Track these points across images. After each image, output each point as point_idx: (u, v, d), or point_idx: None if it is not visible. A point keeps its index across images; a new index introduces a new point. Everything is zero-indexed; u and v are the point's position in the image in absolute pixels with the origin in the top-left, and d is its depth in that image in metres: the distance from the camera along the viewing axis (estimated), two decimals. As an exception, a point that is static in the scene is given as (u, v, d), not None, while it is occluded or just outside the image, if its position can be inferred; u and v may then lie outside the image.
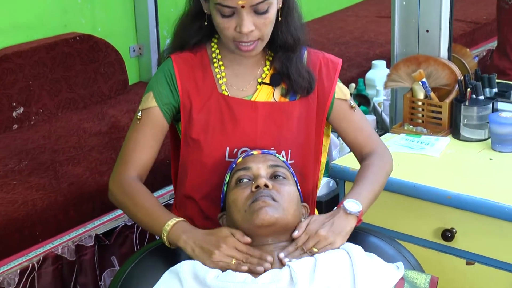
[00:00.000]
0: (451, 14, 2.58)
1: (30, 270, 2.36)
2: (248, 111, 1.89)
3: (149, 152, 1.90)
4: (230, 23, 1.77)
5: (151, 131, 1.89)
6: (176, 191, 2.01)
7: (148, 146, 1.89)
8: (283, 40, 1.87)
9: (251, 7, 1.74)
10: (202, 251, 1.70)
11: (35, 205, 2.49)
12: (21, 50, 3.18)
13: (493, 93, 2.55)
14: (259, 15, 1.76)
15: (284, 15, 1.85)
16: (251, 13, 1.75)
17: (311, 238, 1.71)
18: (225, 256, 1.67)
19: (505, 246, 2.10)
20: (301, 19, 1.91)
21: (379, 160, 1.96)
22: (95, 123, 3.17)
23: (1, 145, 2.96)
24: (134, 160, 1.89)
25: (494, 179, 2.23)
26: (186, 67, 1.90)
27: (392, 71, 2.62)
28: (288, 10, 1.86)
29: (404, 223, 2.27)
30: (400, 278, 1.70)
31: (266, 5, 1.75)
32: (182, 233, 1.74)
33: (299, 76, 1.88)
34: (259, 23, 1.77)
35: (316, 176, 2.01)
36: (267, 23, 1.78)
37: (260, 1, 1.73)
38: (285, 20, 1.86)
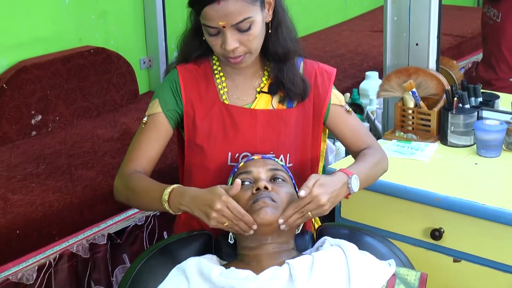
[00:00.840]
0: (439, 29, 2.58)
1: (47, 267, 2.36)
2: (248, 119, 1.89)
3: (151, 152, 1.90)
4: (217, 41, 1.78)
5: (155, 134, 1.90)
6: None
7: (151, 146, 1.90)
8: (274, 51, 1.87)
9: (233, 27, 1.75)
10: (201, 212, 1.67)
11: (51, 206, 2.49)
12: (39, 62, 3.19)
13: (478, 102, 2.56)
14: (242, 33, 1.76)
15: (274, 28, 1.86)
16: (234, 31, 1.76)
17: (312, 202, 1.68)
18: (220, 216, 1.64)
19: (490, 244, 2.10)
20: (292, 31, 1.90)
21: (376, 154, 1.95)
22: (107, 130, 3.17)
23: (21, 150, 2.96)
24: (136, 158, 1.90)
25: (479, 182, 2.23)
26: (190, 78, 1.90)
27: (384, 81, 2.62)
28: (278, 23, 1.86)
29: (395, 223, 2.26)
30: (392, 274, 1.70)
31: (247, 23, 1.75)
32: (180, 198, 1.71)
33: (292, 84, 1.88)
34: (243, 40, 1.77)
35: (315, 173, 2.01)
36: (251, 39, 1.78)
37: (239, 21, 1.74)
38: (275, 32, 1.86)
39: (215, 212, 1.64)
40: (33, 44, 3.30)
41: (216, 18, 1.74)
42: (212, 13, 1.74)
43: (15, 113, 3.07)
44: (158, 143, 1.90)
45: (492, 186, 2.21)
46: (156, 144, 1.90)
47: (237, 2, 1.72)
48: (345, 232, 1.88)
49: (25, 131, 3.12)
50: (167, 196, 1.73)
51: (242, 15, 1.74)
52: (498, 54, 3.07)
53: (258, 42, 1.81)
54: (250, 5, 1.75)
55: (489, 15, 3.13)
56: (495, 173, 2.29)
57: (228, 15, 1.73)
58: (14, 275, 2.29)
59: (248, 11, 1.75)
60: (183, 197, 1.71)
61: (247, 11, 1.75)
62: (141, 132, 1.92)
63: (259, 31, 1.79)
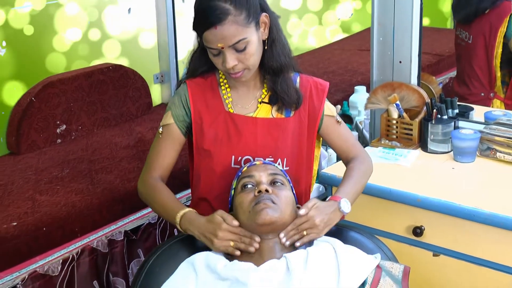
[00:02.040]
0: (419, 48, 2.59)
1: (70, 260, 2.36)
2: (250, 126, 1.90)
3: (168, 159, 1.94)
4: (219, 59, 1.80)
5: (170, 143, 1.93)
6: (192, 193, 2.02)
7: (167, 154, 1.93)
8: (269, 65, 1.88)
9: (230, 47, 1.76)
10: (206, 239, 1.73)
11: (74, 206, 2.49)
12: (64, 77, 3.19)
13: (455, 114, 2.56)
14: (239, 52, 1.78)
15: (269, 45, 1.86)
16: (232, 51, 1.77)
17: (308, 222, 1.73)
18: (223, 241, 1.70)
19: (465, 240, 2.10)
20: (285, 47, 1.91)
21: (362, 164, 1.98)
22: (124, 138, 3.17)
23: (47, 156, 2.97)
24: (156, 166, 1.93)
25: (456, 185, 2.23)
26: (198, 90, 1.92)
27: (371, 95, 2.62)
28: (272, 40, 1.87)
29: (381, 221, 2.26)
30: (378, 267, 1.69)
31: (243, 44, 1.77)
32: (188, 224, 1.78)
33: (286, 95, 1.89)
34: (241, 58, 1.79)
35: (309, 181, 2.01)
36: (247, 57, 1.79)
37: (235, 42, 1.76)
38: (270, 48, 1.87)
39: (218, 240, 1.70)
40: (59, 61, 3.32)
41: (215, 41, 1.76)
42: (211, 37, 1.75)
43: (42, 123, 3.08)
44: (173, 150, 1.94)
45: (468, 188, 2.21)
46: (171, 151, 1.94)
47: (231, 26, 1.74)
48: (335, 229, 1.88)
49: (51, 139, 3.12)
50: (179, 220, 1.80)
51: (237, 37, 1.76)
52: (470, 72, 3.07)
53: (255, 59, 1.82)
54: (244, 27, 1.76)
55: (461, 37, 3.13)
56: (470, 176, 2.29)
57: (225, 38, 1.75)
58: (41, 267, 2.29)
59: (243, 33, 1.76)
60: (191, 224, 1.78)
61: (242, 33, 1.76)
62: (157, 142, 1.95)
63: (254, 49, 1.80)
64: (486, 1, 2.94)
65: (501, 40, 2.93)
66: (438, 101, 2.58)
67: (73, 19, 3.36)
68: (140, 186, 1.93)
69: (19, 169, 2.82)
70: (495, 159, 2.37)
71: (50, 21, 3.27)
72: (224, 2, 1.74)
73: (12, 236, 2.30)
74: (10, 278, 2.23)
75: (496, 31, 2.92)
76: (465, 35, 3.08)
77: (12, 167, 2.85)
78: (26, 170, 2.81)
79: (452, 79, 3.57)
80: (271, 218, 1.69)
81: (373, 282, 1.65)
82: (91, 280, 2.43)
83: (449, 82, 3.71)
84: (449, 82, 3.68)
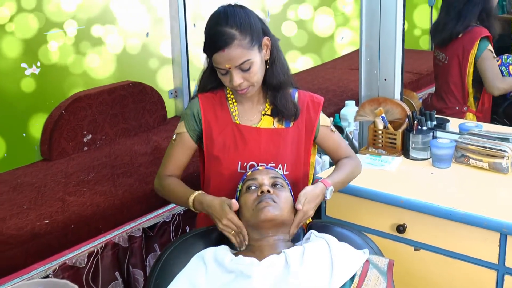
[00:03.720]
0: (402, 67, 2.59)
1: (95, 254, 2.36)
2: (254, 135, 1.90)
3: (179, 161, 1.97)
4: (226, 78, 1.81)
5: (181, 148, 1.95)
6: None
7: (179, 158, 1.96)
8: (270, 82, 1.89)
9: (236, 67, 1.78)
10: (215, 218, 1.76)
11: (99, 206, 2.49)
12: (90, 93, 3.20)
13: (433, 125, 2.55)
14: (244, 71, 1.79)
15: (270, 64, 1.87)
16: (238, 70, 1.78)
17: (304, 216, 1.76)
18: (226, 227, 1.73)
19: (443, 237, 2.09)
20: (284, 66, 1.92)
21: (353, 162, 2.01)
22: (142, 146, 3.17)
23: (75, 162, 2.97)
24: (169, 166, 1.97)
25: (434, 188, 2.22)
26: (208, 103, 1.92)
27: (360, 108, 2.61)
28: (273, 60, 1.88)
29: (368, 220, 2.25)
30: (366, 261, 1.69)
31: (247, 64, 1.78)
32: (200, 205, 1.82)
33: (284, 108, 1.90)
34: (246, 76, 1.80)
35: (305, 184, 2.00)
36: (252, 75, 1.80)
37: (241, 63, 1.77)
38: (271, 68, 1.88)
39: (223, 225, 1.73)
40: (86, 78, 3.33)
41: (223, 62, 1.76)
42: (219, 59, 1.76)
43: (71, 133, 3.08)
44: (184, 155, 1.96)
45: (445, 190, 2.20)
46: (182, 156, 1.96)
47: (237, 49, 1.75)
48: (329, 226, 1.88)
49: (79, 147, 3.12)
50: (191, 203, 1.83)
51: (243, 58, 1.76)
52: (446, 89, 3.07)
53: (258, 77, 1.83)
54: (248, 50, 1.76)
55: (439, 58, 3.13)
56: (447, 180, 2.28)
57: (231, 59, 1.75)
58: (70, 260, 2.29)
59: (247, 55, 1.76)
60: (202, 204, 1.81)
61: (246, 55, 1.76)
62: (171, 147, 1.97)
63: (258, 68, 1.81)
64: (459, 27, 2.94)
65: (472, 61, 2.93)
66: (419, 114, 2.58)
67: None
68: (156, 183, 1.98)
69: (51, 174, 2.82)
70: (468, 165, 2.36)
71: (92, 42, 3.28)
72: (231, 28, 1.75)
73: (44, 232, 2.30)
74: (43, 269, 2.23)
75: (468, 53, 2.92)
76: (442, 56, 3.08)
77: (45, 172, 2.85)
78: (57, 174, 2.81)
79: (430, 95, 3.57)
80: (272, 215, 1.69)
81: (361, 273, 1.65)
82: (113, 271, 2.43)
83: (428, 97, 3.71)
84: (428, 97, 3.67)
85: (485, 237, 1.99)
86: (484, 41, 2.89)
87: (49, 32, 3.14)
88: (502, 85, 2.93)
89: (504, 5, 3.37)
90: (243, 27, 1.76)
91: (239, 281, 1.59)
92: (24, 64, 3.09)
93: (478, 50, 2.90)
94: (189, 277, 1.67)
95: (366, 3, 2.55)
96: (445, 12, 3.02)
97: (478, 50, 2.90)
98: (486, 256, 2.01)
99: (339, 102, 3.68)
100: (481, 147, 2.33)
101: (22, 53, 3.04)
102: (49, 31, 3.13)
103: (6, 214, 2.39)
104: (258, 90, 1.90)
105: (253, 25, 1.79)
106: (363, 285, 1.62)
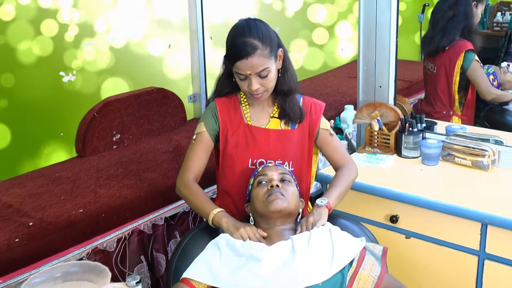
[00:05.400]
0: (395, 76, 2.58)
1: (123, 239, 2.37)
2: (263, 135, 1.90)
3: (200, 159, 1.93)
4: (245, 83, 1.81)
5: (202, 147, 1.92)
6: (217, 187, 2.02)
7: (200, 157, 1.92)
8: (281, 89, 1.89)
9: (256, 74, 1.78)
10: (234, 228, 1.73)
11: (126, 197, 2.50)
12: (119, 98, 3.21)
13: (423, 127, 2.55)
14: (262, 78, 1.79)
15: (282, 73, 1.88)
16: (257, 77, 1.78)
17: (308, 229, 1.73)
18: (244, 234, 1.71)
19: (431, 226, 2.09)
20: (293, 75, 1.92)
21: (348, 170, 1.97)
22: (165, 145, 3.18)
23: (105, 159, 2.98)
24: (191, 166, 1.92)
25: (424, 183, 2.22)
26: (224, 107, 1.92)
27: (358, 112, 2.61)
28: (285, 69, 1.88)
29: (365, 211, 2.25)
30: (363, 247, 1.69)
31: (266, 72, 1.78)
32: (223, 218, 1.77)
33: (292, 111, 1.90)
34: (263, 83, 1.80)
35: (309, 180, 2.01)
36: (268, 82, 1.80)
37: (261, 70, 1.77)
38: (283, 76, 1.88)
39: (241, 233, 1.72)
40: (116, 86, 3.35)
41: (245, 69, 1.76)
42: (242, 66, 1.76)
43: (102, 133, 3.09)
44: (204, 153, 1.93)
45: (433, 185, 2.19)
46: (202, 154, 1.93)
47: (259, 58, 1.75)
48: (330, 217, 1.88)
49: (109, 145, 3.14)
50: (211, 220, 1.80)
51: (263, 66, 1.76)
52: (435, 95, 3.06)
53: (273, 84, 1.83)
54: (268, 59, 1.77)
55: (428, 67, 3.12)
56: (435, 176, 2.28)
57: (253, 67, 1.75)
58: (101, 244, 2.31)
59: (266, 63, 1.77)
60: (221, 220, 1.78)
61: (266, 63, 1.76)
62: (192, 147, 1.94)
63: (273, 76, 1.81)
64: (445, 41, 2.94)
65: (458, 71, 2.92)
66: (410, 117, 2.57)
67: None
68: (179, 185, 1.92)
69: (84, 169, 2.84)
70: (454, 162, 2.36)
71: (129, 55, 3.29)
72: (254, 39, 1.75)
73: (79, 220, 2.32)
74: (78, 252, 2.25)
75: (454, 64, 2.92)
76: (431, 66, 3.07)
77: (79, 167, 2.87)
78: (89, 170, 2.82)
79: (420, 100, 3.56)
80: (280, 207, 1.70)
81: (359, 259, 1.65)
82: (139, 255, 2.44)
83: (418, 102, 3.70)
84: (418, 103, 3.66)
85: (468, 227, 1.99)
86: (470, 53, 2.88)
87: (84, 44, 3.16)
88: (494, 90, 2.93)
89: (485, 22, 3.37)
90: (264, 38, 1.77)
91: (250, 264, 1.60)
92: (62, 72, 3.12)
93: (465, 61, 2.90)
94: (205, 260, 1.68)
95: (364, 20, 2.55)
96: (432, 27, 3.02)
97: (465, 62, 2.90)
98: (469, 243, 2.01)
99: (339, 106, 3.67)
100: (465, 147, 2.33)
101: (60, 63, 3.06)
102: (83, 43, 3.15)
103: (46, 204, 2.41)
104: (269, 95, 1.90)
105: (272, 38, 1.80)
106: (360, 269, 1.62)
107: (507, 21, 3.26)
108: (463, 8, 2.88)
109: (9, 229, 2.20)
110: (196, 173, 1.92)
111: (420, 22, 3.77)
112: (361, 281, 1.59)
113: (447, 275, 2.07)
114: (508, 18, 3.26)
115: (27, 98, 3.06)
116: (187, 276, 1.65)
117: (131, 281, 1.63)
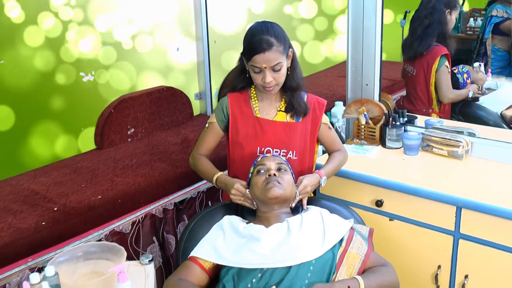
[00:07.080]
0: (380, 75, 2.58)
1: (137, 222, 2.37)
2: (270, 127, 1.91)
3: (209, 144, 2.00)
4: (259, 76, 1.81)
5: (212, 134, 1.99)
6: (228, 172, 2.04)
7: (209, 141, 2.00)
8: (289, 85, 1.90)
9: (270, 68, 1.78)
10: (227, 190, 1.80)
11: (140, 185, 2.50)
12: (133, 96, 3.20)
13: (404, 121, 2.54)
14: (275, 72, 1.79)
15: (291, 71, 1.88)
16: (271, 71, 1.79)
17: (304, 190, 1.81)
18: (235, 195, 1.77)
19: (412, 209, 2.09)
20: (300, 73, 1.93)
21: (341, 155, 2.03)
22: (174, 138, 3.17)
23: (121, 150, 2.98)
24: (201, 148, 2.00)
25: (406, 171, 2.22)
26: (235, 100, 1.94)
27: (347, 108, 2.61)
28: (293, 67, 1.89)
29: (353, 196, 2.26)
30: (352, 229, 1.69)
31: (279, 66, 1.79)
32: (220, 183, 1.86)
33: (298, 105, 1.92)
34: (276, 77, 1.80)
35: (311, 167, 2.02)
36: (280, 76, 1.81)
37: (275, 64, 1.78)
38: (291, 73, 1.89)
39: (232, 194, 1.78)
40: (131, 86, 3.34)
41: (262, 62, 1.77)
42: (259, 59, 1.76)
43: (118, 127, 3.09)
44: (213, 139, 1.99)
45: (413, 173, 2.19)
46: (211, 140, 2.00)
47: (275, 53, 1.76)
48: (322, 201, 1.88)
49: (124, 138, 3.13)
50: (215, 181, 1.86)
51: (277, 61, 1.77)
52: (415, 95, 3.05)
53: (283, 78, 1.84)
54: (282, 55, 1.78)
55: (407, 70, 3.11)
56: (415, 165, 2.28)
57: (269, 61, 1.76)
58: (117, 227, 2.31)
59: (280, 58, 1.77)
60: (221, 183, 1.84)
61: (280, 58, 1.77)
62: (204, 133, 2.01)
63: (284, 71, 1.82)
64: (422, 47, 2.94)
65: (434, 74, 2.93)
66: (393, 112, 2.57)
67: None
68: (191, 159, 2.02)
69: (102, 159, 2.83)
70: (432, 152, 2.36)
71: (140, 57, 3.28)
72: (270, 36, 1.76)
73: (98, 205, 2.32)
74: (97, 234, 2.25)
75: (431, 67, 2.92)
76: (411, 68, 3.07)
77: (98, 158, 2.86)
78: (107, 160, 2.82)
79: (402, 97, 3.54)
80: (277, 193, 1.70)
81: (348, 238, 1.65)
82: (151, 236, 2.44)
83: (400, 99, 3.67)
84: (400, 99, 3.64)
85: (445, 210, 1.99)
86: (443, 58, 2.89)
87: (101, 48, 3.15)
88: (451, 95, 2.94)
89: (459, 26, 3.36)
90: (280, 37, 1.78)
91: (250, 244, 1.61)
92: (82, 73, 3.11)
93: (438, 65, 2.90)
94: (211, 240, 1.68)
95: (352, 25, 2.54)
96: (411, 34, 3.01)
97: (438, 65, 2.90)
98: (445, 224, 2.01)
99: (330, 102, 3.64)
100: (442, 139, 2.33)
101: (81, 65, 3.06)
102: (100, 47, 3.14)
103: (69, 191, 2.41)
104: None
105: (286, 38, 1.82)
106: (349, 247, 1.62)
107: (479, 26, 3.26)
108: (438, 17, 2.88)
109: (36, 214, 2.20)
110: (205, 152, 2.00)
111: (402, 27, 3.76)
112: (350, 259, 1.59)
113: (426, 253, 2.08)
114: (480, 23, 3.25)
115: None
116: (194, 254, 1.65)
117: (144, 259, 1.64)
